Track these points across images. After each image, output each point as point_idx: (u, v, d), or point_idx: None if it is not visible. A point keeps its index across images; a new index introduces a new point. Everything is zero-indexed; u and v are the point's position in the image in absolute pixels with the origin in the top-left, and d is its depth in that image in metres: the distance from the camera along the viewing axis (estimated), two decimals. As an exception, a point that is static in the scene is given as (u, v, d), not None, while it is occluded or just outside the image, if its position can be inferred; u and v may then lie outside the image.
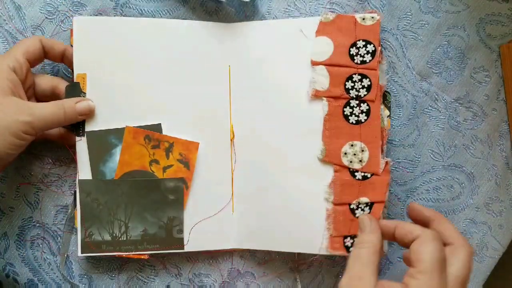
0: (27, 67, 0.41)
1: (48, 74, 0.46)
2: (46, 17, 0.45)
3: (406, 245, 0.37)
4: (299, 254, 0.47)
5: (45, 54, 0.42)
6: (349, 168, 0.43)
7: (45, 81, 0.43)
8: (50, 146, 0.45)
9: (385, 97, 0.44)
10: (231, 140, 0.46)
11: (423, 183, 0.49)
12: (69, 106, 0.41)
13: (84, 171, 0.43)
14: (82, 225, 0.43)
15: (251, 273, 0.48)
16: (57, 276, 0.46)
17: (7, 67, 0.39)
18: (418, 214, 0.40)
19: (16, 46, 0.41)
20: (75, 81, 0.43)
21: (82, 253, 0.43)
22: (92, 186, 0.43)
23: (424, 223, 0.39)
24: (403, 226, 0.37)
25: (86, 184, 0.43)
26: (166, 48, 0.45)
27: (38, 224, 0.46)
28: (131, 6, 0.46)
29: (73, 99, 0.42)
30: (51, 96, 0.43)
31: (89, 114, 0.43)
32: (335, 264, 0.48)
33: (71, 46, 0.43)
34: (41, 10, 0.45)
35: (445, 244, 0.36)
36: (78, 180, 0.43)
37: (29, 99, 0.42)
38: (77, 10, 0.46)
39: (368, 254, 0.36)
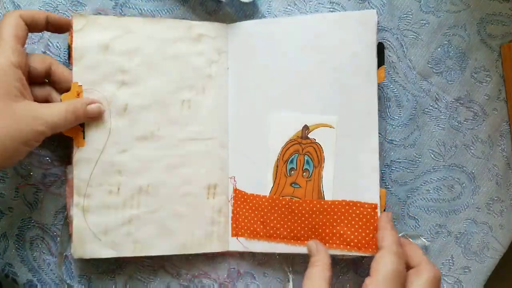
0: (24, 54, 0.37)
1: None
2: (45, 17, 0.45)
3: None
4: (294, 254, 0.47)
5: (28, 29, 0.39)
6: None
7: (39, 63, 0.40)
8: (50, 146, 0.45)
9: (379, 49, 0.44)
10: None
11: (424, 183, 0.49)
12: (80, 111, 0.39)
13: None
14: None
15: (251, 274, 0.48)
16: (56, 277, 0.46)
17: (11, 65, 0.36)
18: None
19: (3, 33, 0.37)
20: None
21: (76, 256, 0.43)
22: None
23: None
24: (384, 232, 0.40)
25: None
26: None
27: (37, 225, 0.46)
28: (130, 6, 0.46)
29: (84, 100, 0.40)
30: (45, 77, 0.41)
31: (99, 117, 0.42)
32: (334, 265, 0.48)
33: (70, 45, 0.43)
34: (40, 9, 0.45)
35: (412, 267, 0.39)
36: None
37: None
38: (77, 10, 0.45)
39: (321, 270, 0.39)
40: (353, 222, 0.43)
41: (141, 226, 0.44)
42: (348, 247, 0.43)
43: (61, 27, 0.42)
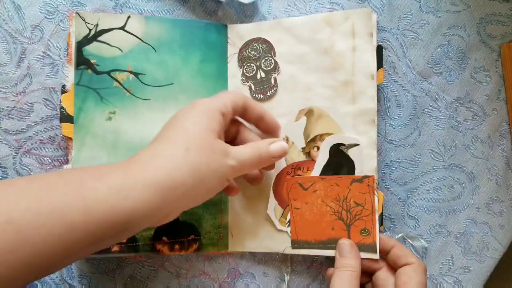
0: (231, 116, 0.40)
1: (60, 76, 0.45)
2: (45, 17, 0.45)
3: (396, 265, 0.42)
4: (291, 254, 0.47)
5: (243, 112, 0.41)
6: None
7: (240, 100, 0.41)
8: (50, 147, 0.45)
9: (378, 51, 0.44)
10: None
11: (424, 183, 0.49)
12: (264, 149, 0.40)
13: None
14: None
15: (251, 274, 0.48)
16: (56, 277, 0.46)
17: (218, 110, 0.38)
18: (383, 242, 0.43)
19: (224, 94, 0.40)
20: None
21: None
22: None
23: (387, 249, 0.43)
24: (401, 248, 0.42)
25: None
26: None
27: (37, 224, 0.46)
28: (130, 6, 0.46)
29: (267, 140, 0.41)
30: (242, 111, 0.42)
31: (283, 156, 0.41)
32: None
33: (69, 44, 0.43)
34: (41, 9, 0.45)
35: (406, 264, 0.41)
36: None
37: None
38: (77, 10, 0.45)
39: (351, 276, 0.40)
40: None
41: None
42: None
43: (271, 129, 0.44)
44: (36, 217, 0.29)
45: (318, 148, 0.45)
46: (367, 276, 0.44)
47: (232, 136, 0.42)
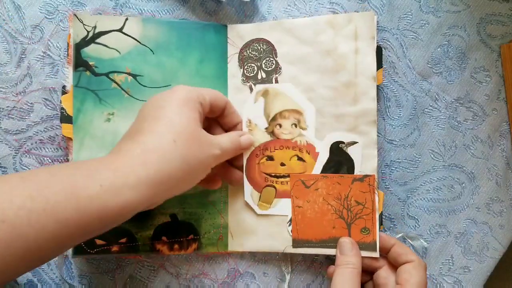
0: (208, 109, 0.40)
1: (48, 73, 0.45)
2: (45, 17, 0.45)
3: (397, 263, 0.42)
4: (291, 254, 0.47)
5: (220, 113, 0.43)
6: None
7: (221, 101, 0.42)
8: (50, 147, 0.45)
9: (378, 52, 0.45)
10: None
11: (424, 183, 0.49)
12: (236, 140, 0.42)
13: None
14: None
15: (251, 274, 0.48)
16: (56, 277, 0.46)
17: (198, 99, 0.38)
18: (383, 240, 0.44)
19: (204, 88, 0.41)
20: None
21: (74, 255, 0.43)
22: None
23: (387, 247, 0.43)
24: (402, 246, 0.43)
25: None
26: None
27: (37, 224, 0.46)
28: (131, 6, 0.46)
29: (237, 133, 0.43)
30: (220, 112, 0.43)
31: (249, 147, 0.44)
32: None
33: (69, 45, 0.43)
34: (41, 10, 0.45)
35: (406, 262, 0.41)
36: None
37: None
38: (77, 10, 0.45)
39: (352, 273, 0.40)
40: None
41: None
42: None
43: (233, 125, 0.45)
44: (29, 215, 0.29)
45: (280, 126, 0.45)
46: (367, 275, 0.44)
47: (220, 111, 0.43)
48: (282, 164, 0.45)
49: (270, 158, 0.45)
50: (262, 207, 0.45)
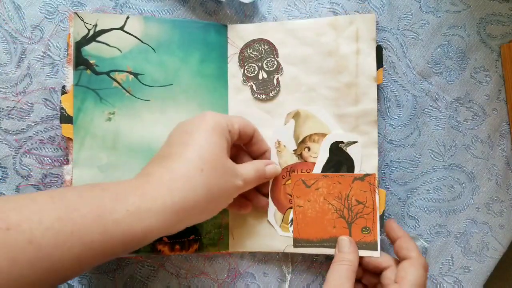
0: (236, 138, 0.40)
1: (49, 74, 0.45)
2: (45, 17, 0.45)
3: (398, 257, 0.42)
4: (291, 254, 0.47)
5: (248, 141, 0.43)
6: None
7: (250, 128, 0.42)
8: (50, 147, 0.45)
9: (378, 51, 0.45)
10: None
11: (424, 183, 0.49)
12: (262, 170, 0.42)
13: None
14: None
15: (251, 274, 0.48)
16: (56, 277, 0.46)
17: (227, 127, 0.39)
18: (391, 230, 0.44)
19: (234, 116, 0.41)
20: None
21: None
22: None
23: (394, 238, 0.43)
24: (406, 240, 0.42)
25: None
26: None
27: (37, 225, 0.46)
28: (130, 6, 0.46)
29: (263, 161, 0.43)
30: (248, 140, 0.43)
31: (274, 177, 0.44)
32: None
33: (69, 45, 0.43)
34: (41, 10, 0.45)
35: (406, 258, 0.41)
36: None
37: None
38: (77, 10, 0.45)
39: (347, 270, 0.40)
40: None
41: None
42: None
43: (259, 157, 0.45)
44: (56, 236, 0.30)
45: (309, 149, 0.45)
46: (375, 277, 0.44)
47: (248, 140, 0.43)
48: None
49: None
50: (284, 229, 0.45)
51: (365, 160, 0.44)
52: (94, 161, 0.43)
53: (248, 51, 0.46)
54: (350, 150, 0.44)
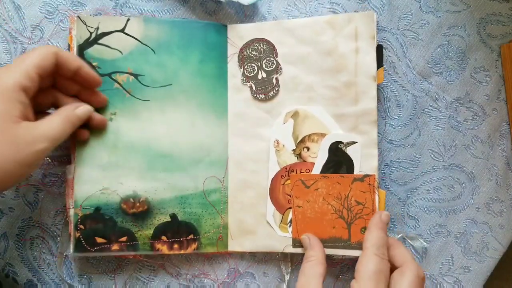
0: (37, 84, 0.37)
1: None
2: (45, 17, 0.45)
3: (392, 266, 0.41)
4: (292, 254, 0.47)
5: (56, 68, 0.39)
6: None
7: (72, 61, 0.39)
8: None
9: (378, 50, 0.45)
10: None
11: (424, 183, 0.49)
12: (72, 115, 0.39)
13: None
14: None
15: (251, 274, 0.48)
16: (56, 276, 0.46)
17: (18, 87, 0.35)
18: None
19: (27, 57, 0.37)
20: None
21: (74, 252, 0.43)
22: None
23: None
24: (397, 248, 0.41)
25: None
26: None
27: (37, 225, 0.46)
28: (130, 6, 0.46)
29: (72, 105, 0.40)
30: (73, 74, 0.40)
31: (88, 117, 0.42)
32: (335, 264, 0.48)
33: (70, 47, 0.43)
34: (41, 9, 0.45)
35: (397, 267, 0.40)
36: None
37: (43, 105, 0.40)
38: (77, 10, 0.46)
39: (311, 266, 0.41)
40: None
41: None
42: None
43: (89, 83, 0.42)
44: None
45: (308, 149, 0.45)
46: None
47: (50, 104, 0.41)
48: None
49: None
50: (283, 229, 0.45)
51: (365, 160, 0.44)
52: (96, 160, 0.44)
53: (248, 50, 0.46)
54: (349, 151, 0.44)
